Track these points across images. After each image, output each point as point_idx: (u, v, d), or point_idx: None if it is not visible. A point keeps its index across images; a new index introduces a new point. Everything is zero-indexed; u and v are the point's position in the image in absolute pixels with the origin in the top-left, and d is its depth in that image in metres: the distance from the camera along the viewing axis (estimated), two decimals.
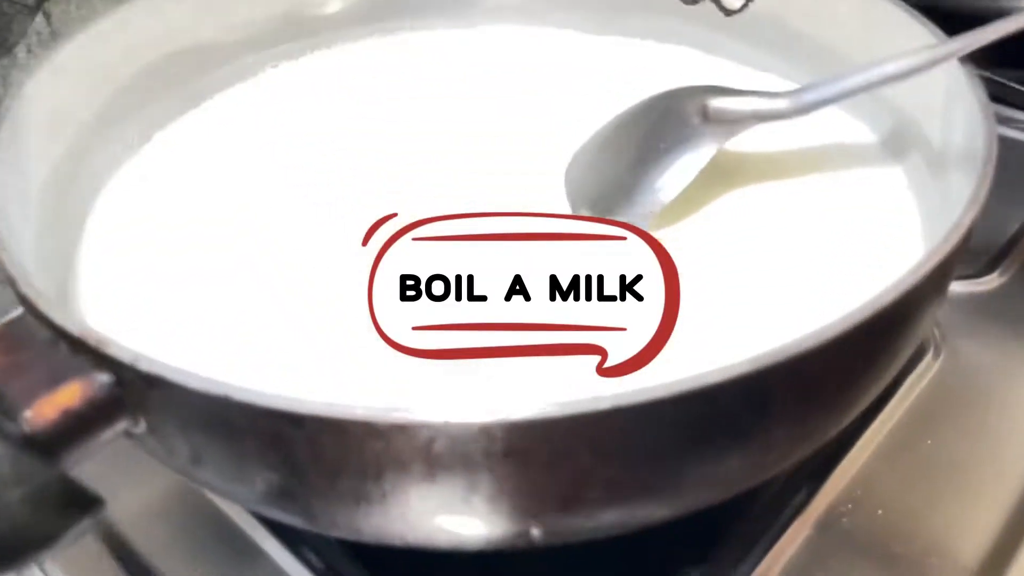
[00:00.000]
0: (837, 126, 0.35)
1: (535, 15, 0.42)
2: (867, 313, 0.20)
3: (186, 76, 0.38)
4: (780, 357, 0.19)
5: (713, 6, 0.40)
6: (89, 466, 0.21)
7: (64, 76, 0.33)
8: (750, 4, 0.39)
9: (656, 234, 0.30)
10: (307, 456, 0.20)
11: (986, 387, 0.36)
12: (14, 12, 0.41)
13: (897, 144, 0.34)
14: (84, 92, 0.34)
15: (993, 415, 0.35)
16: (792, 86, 0.37)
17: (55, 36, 0.43)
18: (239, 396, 0.19)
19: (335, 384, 0.25)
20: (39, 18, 0.42)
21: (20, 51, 0.42)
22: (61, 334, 0.21)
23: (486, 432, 0.19)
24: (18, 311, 0.23)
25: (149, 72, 0.36)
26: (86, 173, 0.34)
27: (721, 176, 0.32)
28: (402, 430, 0.19)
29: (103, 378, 0.21)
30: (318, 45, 0.41)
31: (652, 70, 0.39)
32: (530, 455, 0.19)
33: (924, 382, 0.35)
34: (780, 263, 0.30)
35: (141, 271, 0.30)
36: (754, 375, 0.19)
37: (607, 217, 0.31)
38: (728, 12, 0.40)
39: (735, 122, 0.31)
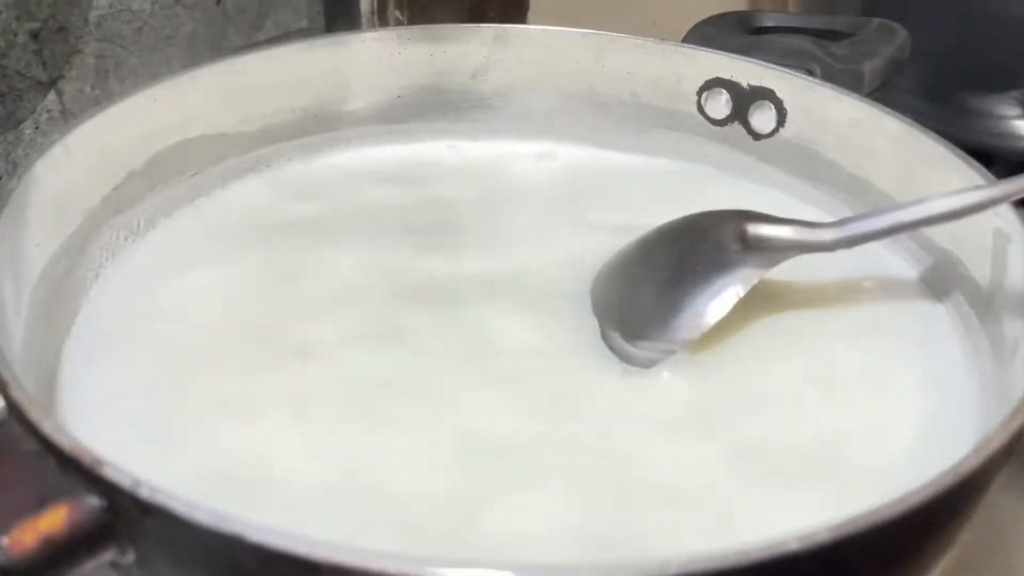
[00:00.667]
0: (873, 258, 0.34)
1: (556, 128, 0.41)
2: (951, 479, 0.19)
3: (199, 164, 0.37)
4: (863, 525, 0.17)
5: (742, 129, 0.40)
6: None
7: (76, 157, 0.32)
8: (780, 130, 0.39)
9: (690, 360, 0.29)
10: None
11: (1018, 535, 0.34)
12: (25, 87, 0.40)
13: (938, 281, 0.33)
14: (94, 176, 0.33)
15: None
16: (825, 217, 0.37)
17: (66, 115, 0.42)
18: (252, 536, 0.17)
19: (351, 528, 0.23)
20: (51, 95, 0.41)
21: (28, 127, 0.40)
22: (50, 448, 0.19)
23: None
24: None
25: (162, 158, 0.35)
26: (85, 260, 0.32)
27: (749, 303, 0.31)
28: None
29: (93, 502, 0.18)
30: (337, 141, 0.40)
31: (677, 189, 0.38)
32: None
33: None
34: (820, 399, 0.28)
35: (133, 377, 0.28)
36: (835, 544, 0.17)
37: (637, 341, 0.29)
38: (757, 136, 0.39)
39: (776, 250, 0.30)
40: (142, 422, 0.26)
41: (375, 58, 0.40)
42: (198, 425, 0.26)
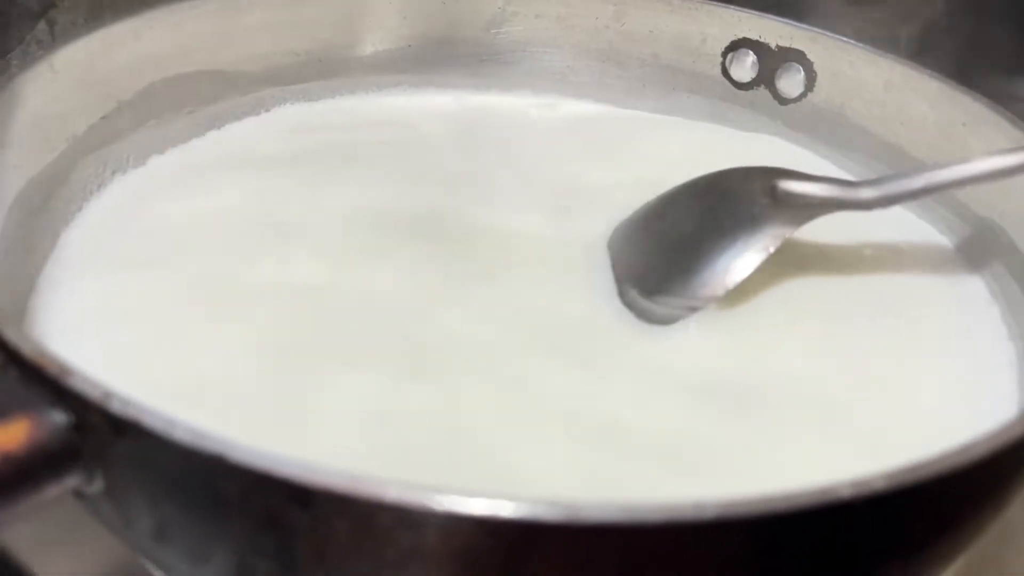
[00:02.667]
0: (906, 226, 0.32)
1: (579, 86, 0.39)
2: (1012, 435, 0.17)
3: (195, 101, 0.35)
4: (921, 474, 0.15)
5: (768, 93, 0.38)
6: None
7: (62, 78, 0.30)
8: (809, 94, 0.37)
9: (712, 319, 0.27)
10: (311, 545, 0.15)
11: None
12: (15, 14, 0.38)
13: (975, 251, 0.31)
14: (81, 101, 0.31)
15: None
16: (850, 177, 0.35)
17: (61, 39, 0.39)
18: (237, 457, 0.15)
19: (350, 454, 0.21)
20: (41, 25, 0.39)
21: (15, 58, 0.38)
22: (12, 356, 0.17)
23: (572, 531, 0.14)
24: None
25: (155, 91, 0.33)
26: (68, 190, 0.30)
27: (777, 263, 0.29)
28: (450, 521, 0.14)
29: (58, 418, 0.16)
30: (341, 89, 0.38)
31: (703, 148, 0.36)
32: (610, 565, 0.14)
33: None
34: (846, 361, 0.26)
35: (114, 305, 0.26)
36: (891, 493, 0.15)
37: (656, 297, 0.27)
38: (784, 101, 0.37)
39: (808, 207, 0.28)
40: (118, 344, 0.24)
41: (386, 3, 0.38)
42: (172, 348, 0.24)
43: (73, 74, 0.30)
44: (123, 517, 0.18)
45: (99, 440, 0.16)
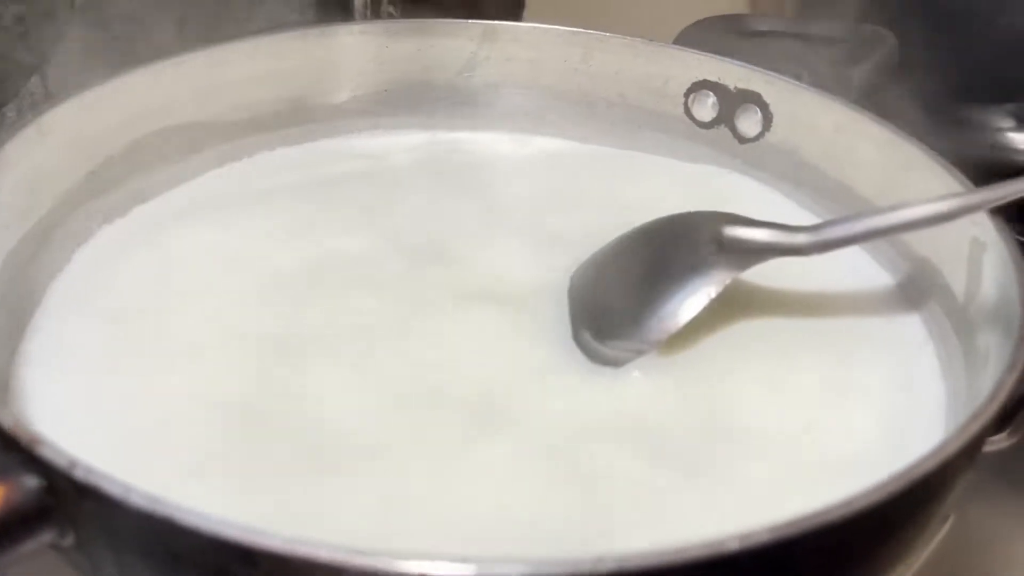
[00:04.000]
0: (850, 264, 0.34)
1: (550, 124, 0.41)
2: (901, 484, 0.18)
3: (180, 151, 0.36)
4: (806, 526, 0.17)
5: (728, 132, 0.39)
6: None
7: (50, 139, 0.31)
8: (766, 133, 0.38)
9: (656, 362, 0.28)
10: None
11: (995, 551, 0.34)
12: (9, 70, 0.40)
13: (914, 290, 0.32)
14: (69, 159, 0.32)
15: None
16: (807, 216, 0.36)
17: (50, 100, 0.41)
18: (184, 520, 0.17)
19: (302, 518, 0.22)
20: (35, 79, 0.41)
21: (10, 111, 0.40)
22: None
23: None
24: None
25: (142, 144, 0.35)
26: (56, 243, 0.32)
27: (725, 305, 0.30)
28: None
29: (32, 482, 0.18)
30: (320, 133, 0.40)
31: (669, 183, 0.38)
32: None
33: (931, 546, 0.33)
34: (786, 403, 0.28)
35: (94, 367, 0.27)
36: (777, 545, 0.17)
37: (607, 340, 0.29)
38: (743, 139, 0.39)
39: (751, 253, 0.29)
40: (98, 397, 0.26)
41: (362, 51, 0.40)
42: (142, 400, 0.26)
43: (61, 135, 0.32)
44: (93, 568, 0.19)
45: (68, 502, 0.18)
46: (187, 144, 0.37)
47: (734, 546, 0.16)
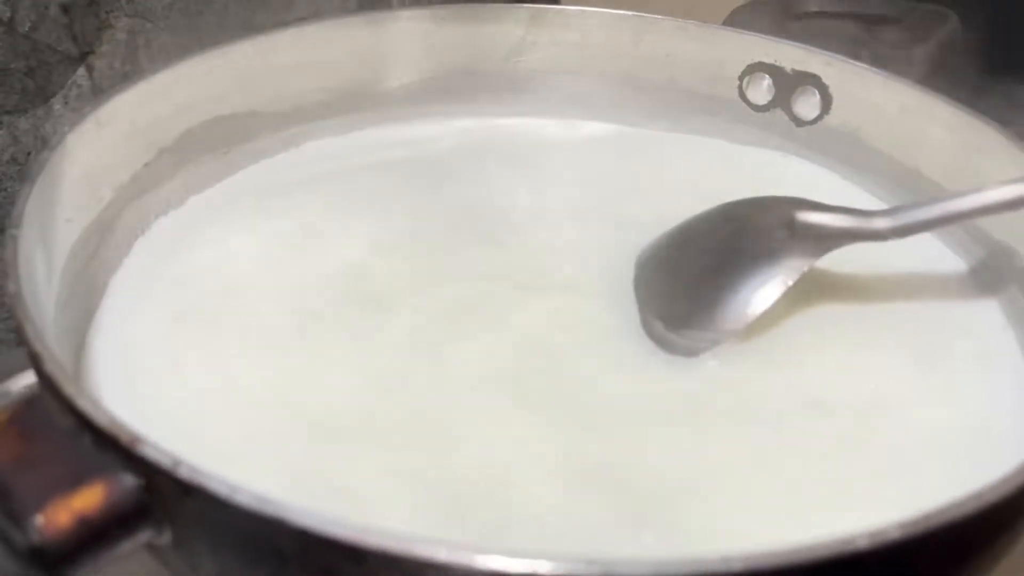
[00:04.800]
0: (920, 250, 0.33)
1: (598, 110, 0.40)
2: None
3: (230, 142, 0.36)
4: (938, 521, 0.16)
5: (784, 115, 0.39)
6: None
7: (106, 132, 0.31)
8: (825, 116, 0.38)
9: (733, 351, 0.28)
10: None
11: None
12: (55, 61, 0.39)
13: (990, 275, 0.31)
14: (125, 151, 0.32)
15: None
16: (871, 202, 0.36)
17: (96, 91, 0.41)
18: (294, 519, 0.16)
19: (410, 515, 0.22)
20: (81, 70, 0.40)
21: (57, 103, 0.40)
22: (86, 425, 0.18)
23: None
24: (29, 388, 0.20)
25: (193, 135, 0.34)
26: (115, 237, 0.31)
27: (794, 291, 0.30)
28: None
29: (129, 481, 0.18)
30: (368, 122, 0.39)
31: (724, 167, 0.37)
32: None
33: None
34: (870, 391, 0.27)
35: (162, 363, 0.27)
36: (907, 541, 0.16)
37: (680, 330, 0.28)
38: (800, 123, 0.38)
39: (826, 239, 0.29)
40: (166, 396, 0.26)
41: (409, 38, 0.39)
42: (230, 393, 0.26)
43: (117, 126, 0.31)
44: (190, 566, 0.19)
45: (168, 500, 0.18)
46: (237, 134, 0.36)
47: (863, 544, 0.16)
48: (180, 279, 0.30)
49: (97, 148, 0.31)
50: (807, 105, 0.38)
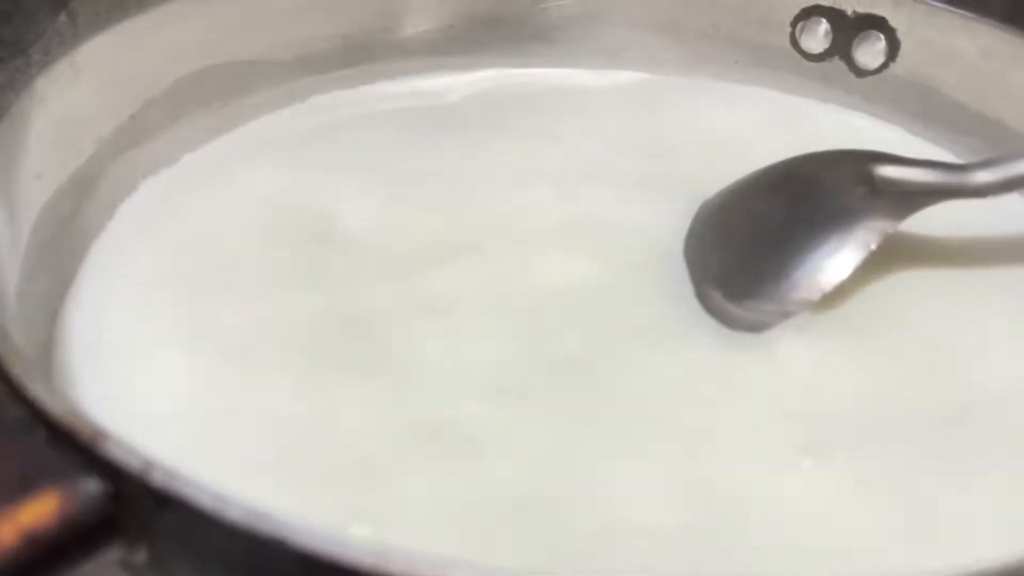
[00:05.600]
0: (1005, 209, 0.29)
1: (632, 61, 0.36)
2: None
3: (226, 94, 0.32)
4: None
5: (844, 65, 0.35)
6: None
7: (84, 78, 0.28)
8: (891, 64, 0.34)
9: (809, 326, 0.24)
10: None
11: None
12: (34, 6, 0.35)
13: None
14: (106, 101, 0.29)
15: None
16: (947, 158, 0.32)
17: (79, 40, 0.37)
18: (296, 540, 0.13)
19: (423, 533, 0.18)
20: (63, 17, 0.36)
21: (37, 53, 0.36)
22: (40, 417, 0.15)
23: None
24: None
25: (185, 85, 0.31)
26: (97, 198, 0.28)
27: (875, 257, 0.26)
28: None
29: (92, 487, 0.14)
30: (378, 75, 0.36)
31: (777, 119, 0.33)
32: None
33: None
34: (963, 372, 0.23)
35: (152, 324, 0.24)
36: None
37: (743, 301, 0.25)
38: (862, 73, 0.34)
39: (913, 196, 0.25)
40: (159, 385, 0.22)
41: None
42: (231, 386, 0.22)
43: (97, 72, 0.28)
44: None
45: (140, 512, 0.14)
46: (234, 86, 0.32)
47: None
48: (171, 244, 0.27)
49: (73, 96, 0.27)
50: (870, 52, 0.34)
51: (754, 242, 0.26)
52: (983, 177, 0.24)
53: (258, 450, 0.20)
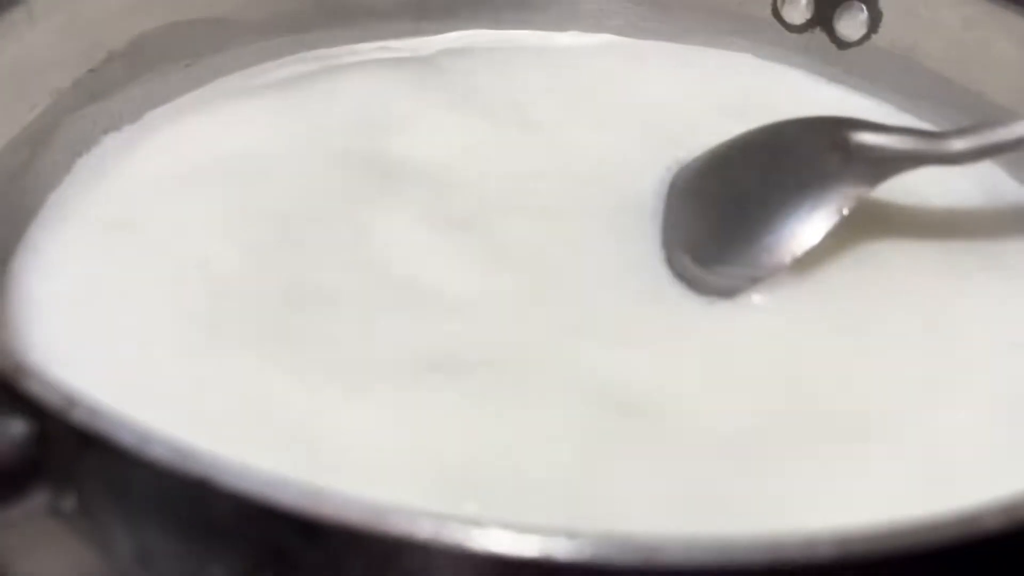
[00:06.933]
0: (980, 178, 0.28)
1: (613, 30, 0.35)
2: None
3: (193, 52, 0.31)
4: None
5: (825, 35, 0.34)
6: None
7: (41, 26, 0.27)
8: (872, 35, 0.33)
9: (779, 290, 0.23)
10: None
11: None
12: None
13: None
14: (65, 52, 0.28)
15: None
16: (931, 128, 0.31)
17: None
18: (224, 480, 0.12)
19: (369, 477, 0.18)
20: None
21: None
22: None
23: None
24: None
25: (149, 41, 0.30)
26: (52, 151, 0.27)
27: (847, 225, 0.25)
28: (491, 563, 0.11)
29: (17, 428, 0.14)
30: (353, 38, 0.35)
31: (757, 93, 0.32)
32: None
33: None
34: (931, 341, 0.23)
35: (101, 291, 0.23)
36: None
37: (713, 266, 0.24)
38: (844, 44, 0.34)
39: (888, 162, 0.24)
40: (107, 331, 0.21)
41: None
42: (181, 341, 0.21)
43: (55, 20, 0.27)
44: (102, 538, 0.15)
45: (66, 454, 0.13)
46: (202, 44, 0.32)
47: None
48: (127, 196, 0.26)
49: (28, 43, 0.26)
50: (852, 23, 0.33)
51: (727, 207, 0.26)
52: (957, 145, 0.24)
53: (210, 406, 0.20)
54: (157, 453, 0.12)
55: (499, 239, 0.25)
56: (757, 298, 0.23)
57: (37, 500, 0.14)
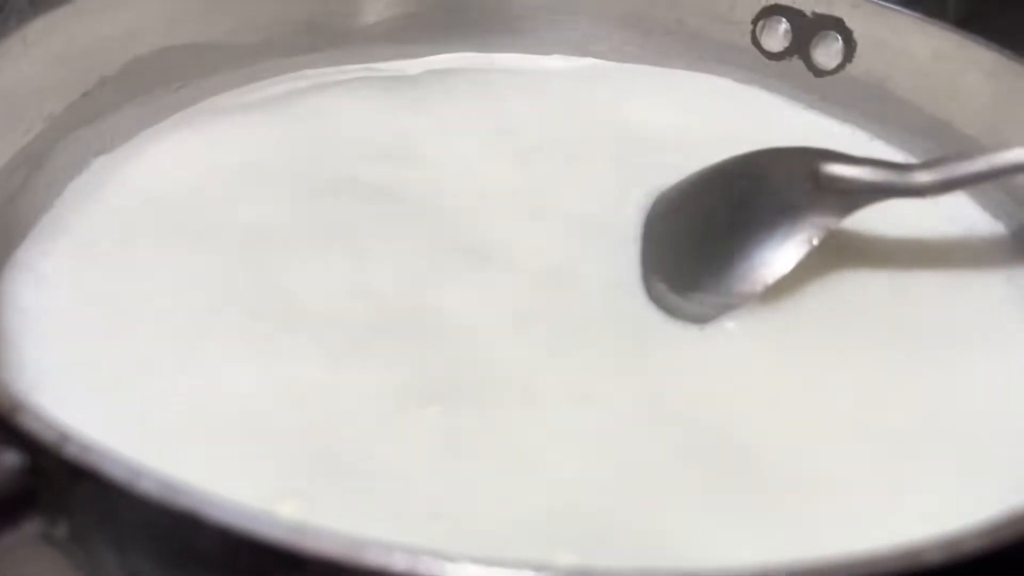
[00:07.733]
0: (951, 210, 0.29)
1: (597, 55, 0.36)
2: None
3: (184, 75, 0.32)
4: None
5: (802, 64, 0.35)
6: None
7: (35, 53, 0.27)
8: (847, 65, 0.34)
9: (751, 318, 0.24)
10: None
11: None
12: None
13: None
14: (58, 77, 0.28)
15: None
16: (900, 158, 0.32)
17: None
18: (211, 515, 0.13)
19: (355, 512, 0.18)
20: None
21: None
22: None
23: None
24: None
25: (142, 65, 0.30)
26: (45, 175, 0.27)
27: (818, 253, 0.26)
28: None
29: (11, 459, 0.14)
30: (341, 60, 0.35)
31: (735, 119, 0.33)
32: None
33: None
34: (904, 365, 0.24)
35: (91, 317, 0.23)
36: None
37: (688, 293, 0.25)
38: (820, 72, 0.35)
39: (856, 194, 0.25)
40: (100, 358, 0.22)
41: None
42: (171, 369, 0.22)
43: (49, 47, 0.27)
44: (93, 565, 0.15)
45: (58, 486, 0.14)
46: (193, 67, 0.32)
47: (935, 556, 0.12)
48: (118, 214, 0.26)
49: (23, 69, 0.27)
50: (828, 53, 0.34)
51: (701, 235, 0.26)
52: (923, 177, 0.25)
53: (201, 419, 0.20)
54: (147, 487, 0.13)
55: (480, 258, 0.26)
56: (730, 325, 0.24)
57: (31, 528, 0.15)
